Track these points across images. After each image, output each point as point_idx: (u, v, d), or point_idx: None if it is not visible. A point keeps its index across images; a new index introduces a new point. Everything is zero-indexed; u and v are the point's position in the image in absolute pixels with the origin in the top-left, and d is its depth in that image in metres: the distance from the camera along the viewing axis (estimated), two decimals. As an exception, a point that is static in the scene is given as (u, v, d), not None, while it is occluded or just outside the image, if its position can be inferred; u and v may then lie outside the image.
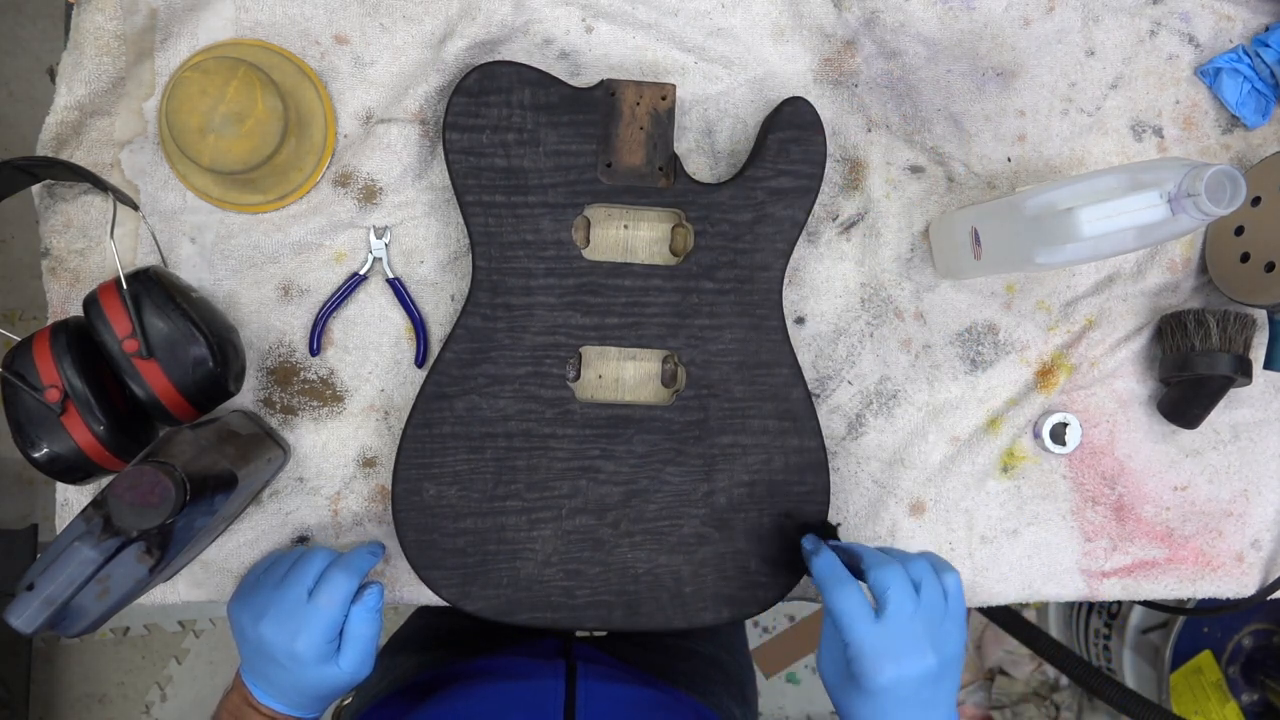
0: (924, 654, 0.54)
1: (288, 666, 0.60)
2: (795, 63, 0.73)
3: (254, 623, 0.61)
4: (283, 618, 0.60)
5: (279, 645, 0.60)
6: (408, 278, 0.71)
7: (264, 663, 0.61)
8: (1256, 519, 0.79)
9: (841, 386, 0.75)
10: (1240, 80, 0.75)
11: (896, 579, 0.56)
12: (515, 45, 0.71)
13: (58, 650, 1.70)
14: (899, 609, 0.55)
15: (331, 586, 0.61)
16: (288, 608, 0.60)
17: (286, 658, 0.60)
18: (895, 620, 0.54)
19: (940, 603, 0.57)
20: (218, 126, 0.63)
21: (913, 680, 0.54)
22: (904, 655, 0.54)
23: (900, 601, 0.55)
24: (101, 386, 0.60)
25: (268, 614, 0.60)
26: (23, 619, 0.52)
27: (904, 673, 0.54)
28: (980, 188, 0.76)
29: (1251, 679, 1.51)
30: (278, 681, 0.61)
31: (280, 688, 0.62)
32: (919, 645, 0.54)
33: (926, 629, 0.55)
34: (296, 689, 0.61)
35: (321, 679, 0.61)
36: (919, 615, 0.55)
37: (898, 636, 0.54)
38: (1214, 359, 0.72)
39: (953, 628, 0.57)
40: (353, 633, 0.61)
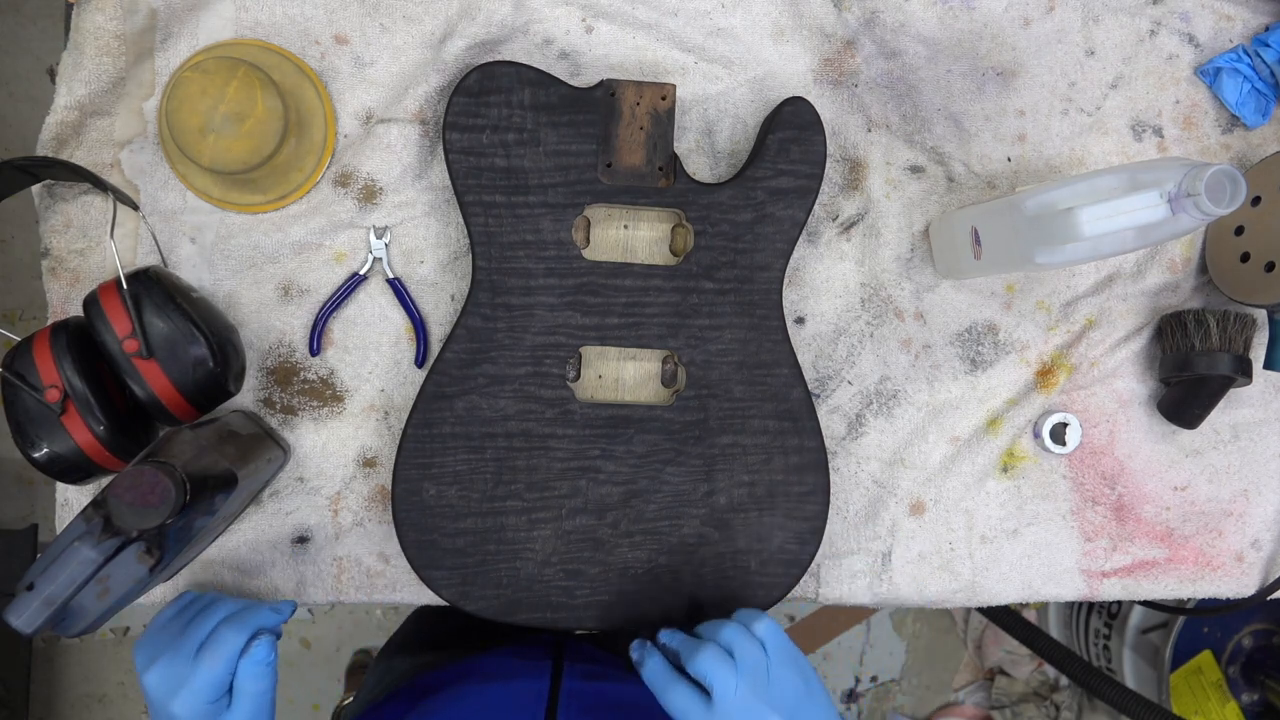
0: (763, 716, 0.56)
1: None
2: (795, 63, 0.73)
3: (144, 669, 0.59)
4: (168, 671, 0.58)
5: (160, 700, 0.58)
6: (408, 278, 0.71)
7: (154, 713, 0.60)
8: (1256, 519, 0.79)
9: (841, 386, 0.75)
10: (1240, 80, 0.75)
11: (711, 661, 0.57)
12: (515, 45, 0.71)
13: (58, 650, 1.70)
14: (723, 689, 0.56)
15: (218, 644, 0.58)
16: (175, 661, 0.58)
17: (167, 716, 0.58)
18: (723, 702, 0.56)
19: (761, 659, 0.57)
20: (218, 126, 0.63)
21: None
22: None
23: (722, 681, 0.56)
24: (101, 386, 0.60)
25: (157, 664, 0.59)
26: (23, 619, 0.52)
27: None
28: (980, 188, 0.76)
29: (1251, 679, 1.51)
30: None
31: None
32: (754, 712, 0.56)
33: (755, 693, 0.56)
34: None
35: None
36: (743, 684, 0.56)
37: (731, 713, 0.55)
38: (1214, 359, 0.72)
39: (782, 673, 0.58)
40: (240, 688, 0.59)
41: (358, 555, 0.72)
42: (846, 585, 0.75)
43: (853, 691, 1.82)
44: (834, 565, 0.75)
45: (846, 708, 1.82)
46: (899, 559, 0.75)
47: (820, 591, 0.75)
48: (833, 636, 1.81)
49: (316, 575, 0.71)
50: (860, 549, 0.75)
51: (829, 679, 1.81)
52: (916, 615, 1.82)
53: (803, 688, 0.58)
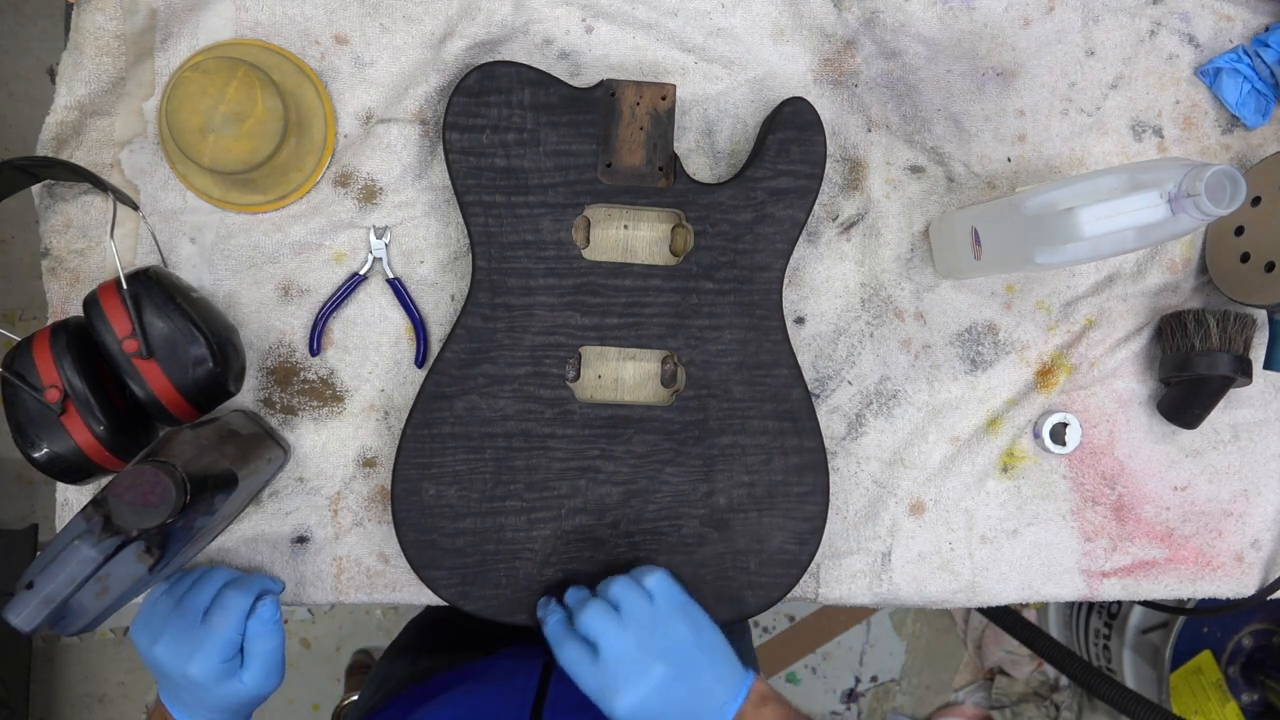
0: (648, 668, 0.56)
1: (188, 688, 0.60)
2: (795, 63, 0.73)
3: (150, 646, 0.60)
4: (177, 641, 0.59)
5: (175, 669, 0.59)
6: (408, 278, 0.71)
7: (169, 684, 0.61)
8: (1256, 519, 0.79)
9: (841, 386, 0.75)
10: (1240, 80, 0.75)
11: (593, 615, 0.58)
12: (515, 45, 0.71)
13: (58, 650, 1.70)
14: (606, 644, 0.57)
15: (225, 606, 0.60)
16: (183, 630, 0.60)
17: (184, 680, 0.59)
18: (608, 654, 0.57)
19: (647, 610, 0.58)
20: (218, 126, 0.63)
21: (654, 694, 0.56)
22: (627, 681, 0.56)
23: (604, 634, 0.57)
24: (101, 386, 0.60)
25: (163, 637, 0.60)
26: (22, 617, 0.52)
27: (640, 693, 0.56)
28: (980, 188, 0.76)
29: (1251, 679, 1.51)
30: (187, 701, 0.61)
31: (191, 706, 0.61)
32: (639, 664, 0.56)
33: (639, 643, 0.57)
34: (207, 706, 0.61)
35: (227, 696, 0.60)
36: (626, 636, 0.57)
37: (615, 666, 0.56)
38: (1214, 359, 0.72)
39: (672, 625, 0.58)
40: (250, 649, 0.61)
41: (358, 555, 0.72)
42: (846, 585, 0.75)
43: (853, 691, 1.82)
44: (834, 565, 0.75)
45: (847, 708, 1.82)
46: (899, 559, 0.75)
47: (820, 591, 0.75)
48: (833, 636, 1.81)
49: (316, 575, 0.71)
50: (860, 549, 0.75)
51: (829, 679, 1.81)
52: (916, 615, 1.82)
53: (692, 638, 0.59)
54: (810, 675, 1.81)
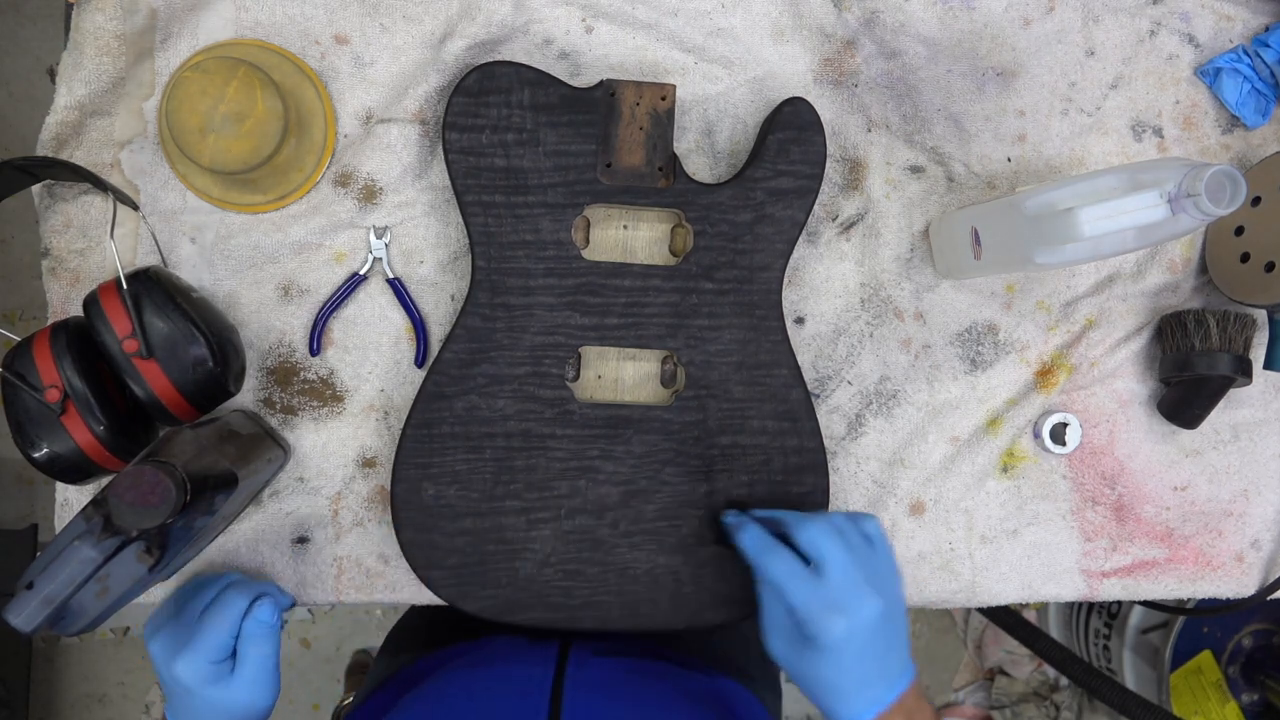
0: (869, 599, 0.55)
1: (176, 691, 0.58)
2: (795, 63, 0.73)
3: (148, 639, 0.59)
4: (171, 638, 0.58)
5: (163, 665, 0.58)
6: (408, 278, 0.71)
7: (166, 690, 0.60)
8: (1256, 519, 0.79)
9: (841, 386, 0.75)
10: (1240, 80, 0.75)
11: (824, 534, 0.57)
12: (515, 45, 0.71)
13: (58, 650, 1.70)
14: (834, 561, 0.56)
15: (221, 604, 0.59)
16: (179, 626, 0.59)
17: (173, 682, 0.58)
18: (833, 574, 0.55)
19: (868, 548, 0.58)
20: (218, 126, 0.63)
21: (865, 627, 0.55)
22: (850, 604, 0.55)
23: (834, 554, 0.56)
24: (101, 386, 0.60)
25: (160, 634, 0.59)
26: (22, 617, 0.52)
27: (855, 621, 0.54)
28: (980, 188, 0.76)
29: (1251, 679, 1.51)
30: (181, 710, 0.59)
31: (183, 711, 0.59)
32: (861, 592, 0.55)
33: (864, 575, 0.56)
34: (191, 708, 0.59)
35: (214, 704, 0.58)
36: (853, 563, 0.56)
37: (840, 588, 0.55)
38: (1214, 359, 0.72)
39: (886, 569, 0.58)
40: (242, 651, 0.58)
41: (358, 555, 0.72)
42: (846, 585, 0.75)
43: (853, 691, 1.82)
44: (834, 565, 0.75)
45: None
46: (899, 559, 0.75)
47: (820, 591, 0.75)
48: (833, 636, 1.80)
49: (316, 575, 0.71)
50: (860, 549, 0.75)
51: (829, 679, 1.81)
52: (916, 615, 1.82)
53: (899, 592, 0.58)
54: (810, 675, 1.80)
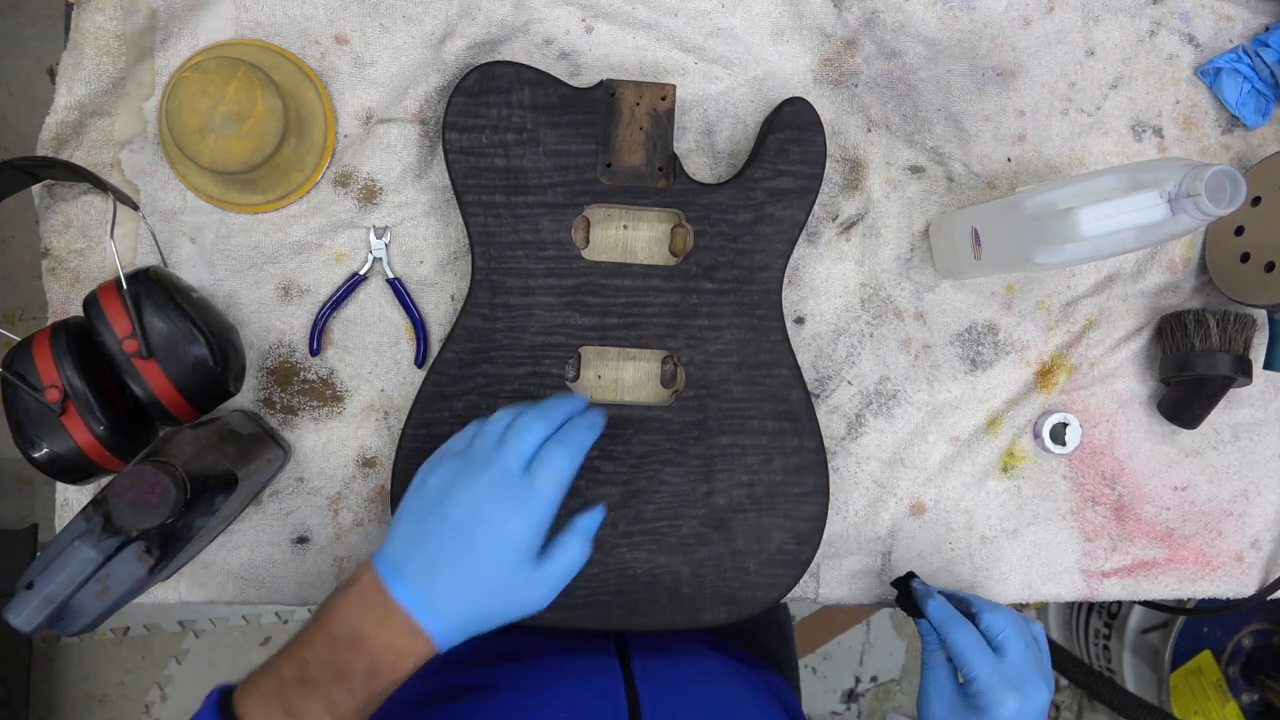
0: (1041, 686, 0.61)
1: (480, 550, 0.48)
2: (795, 63, 0.73)
3: (451, 484, 0.49)
4: (496, 486, 0.48)
5: (486, 517, 0.48)
6: (408, 278, 0.71)
7: (435, 546, 0.48)
8: (1256, 519, 0.79)
9: (841, 386, 0.75)
10: (1240, 80, 0.75)
11: (1010, 621, 0.63)
12: (515, 45, 0.71)
13: (58, 650, 1.70)
14: (1015, 646, 0.62)
15: (553, 465, 0.50)
16: (502, 477, 0.49)
17: (489, 539, 0.48)
18: (1014, 656, 0.61)
19: (1038, 647, 0.64)
20: (218, 126, 0.63)
21: (1033, 710, 0.60)
22: (1025, 686, 0.60)
23: (1015, 640, 0.62)
24: (101, 386, 0.60)
25: (480, 479, 0.49)
26: (22, 617, 0.52)
27: (1026, 704, 0.60)
28: (980, 188, 0.76)
29: (1251, 679, 1.51)
30: (445, 572, 0.48)
31: (445, 582, 0.48)
32: (1035, 678, 0.61)
33: (1037, 665, 0.62)
34: (475, 581, 0.48)
35: (513, 581, 0.48)
36: (1028, 654, 0.62)
37: (1019, 670, 0.61)
38: (1214, 359, 0.72)
39: (1049, 671, 0.64)
40: (561, 545, 0.50)
41: (358, 555, 0.72)
42: (846, 585, 0.75)
43: (852, 691, 1.82)
44: (834, 565, 0.75)
45: (846, 708, 1.82)
46: (899, 559, 0.75)
47: (820, 592, 0.75)
48: (833, 636, 1.81)
49: (317, 575, 0.71)
50: (860, 549, 0.75)
51: (829, 679, 1.81)
52: (917, 615, 1.82)
53: (1047, 691, 0.62)
54: (810, 675, 1.80)
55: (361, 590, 0.49)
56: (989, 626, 0.63)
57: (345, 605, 0.49)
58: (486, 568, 0.48)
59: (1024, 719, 0.60)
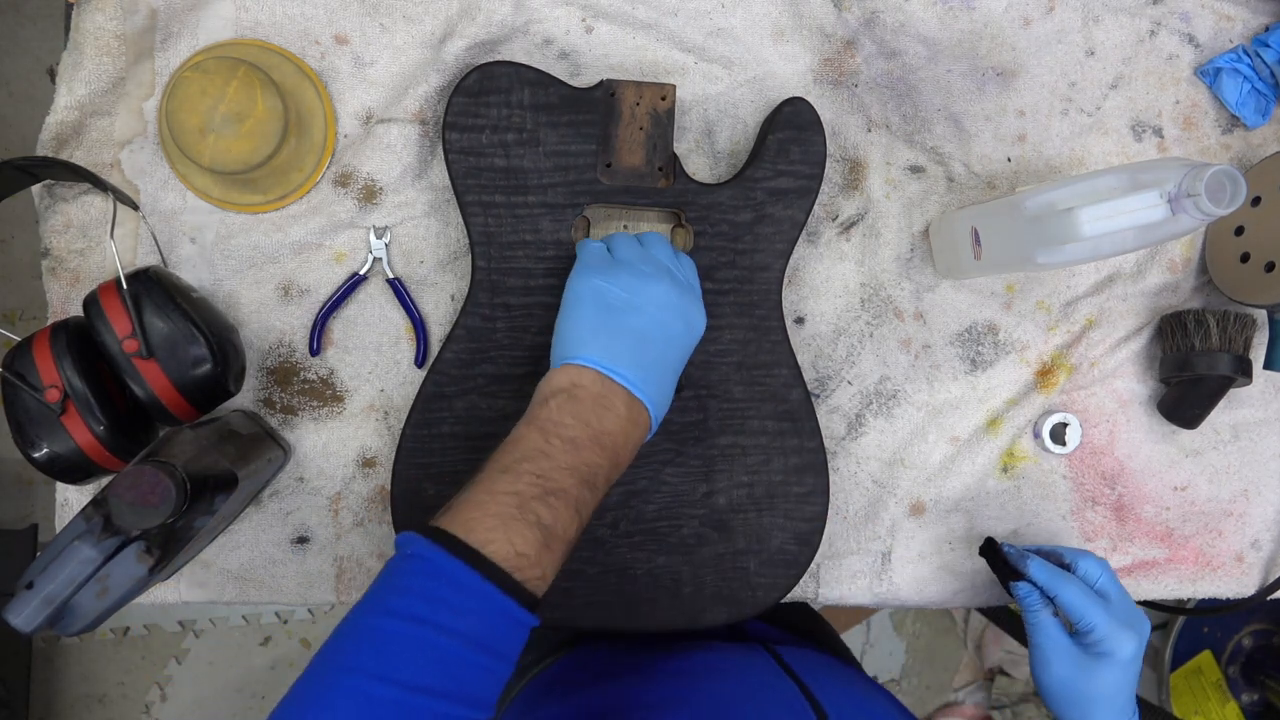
0: (1144, 619, 0.66)
1: (675, 340, 0.57)
2: (795, 63, 0.73)
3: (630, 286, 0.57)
4: (674, 286, 0.59)
5: (680, 310, 0.58)
6: (408, 278, 0.71)
7: (636, 338, 0.56)
8: (1256, 519, 0.79)
9: (841, 386, 0.75)
10: (1240, 80, 0.75)
11: (1100, 565, 0.66)
12: (515, 45, 0.71)
13: (57, 650, 1.70)
14: (1115, 589, 0.66)
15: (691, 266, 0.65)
16: (673, 279, 0.60)
17: (683, 330, 0.58)
18: (1117, 598, 0.65)
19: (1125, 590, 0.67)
20: (218, 126, 0.63)
21: (1139, 652, 0.64)
22: (1138, 625, 0.64)
23: (1114, 584, 0.66)
24: (101, 386, 0.60)
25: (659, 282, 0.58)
26: (22, 617, 0.52)
27: (1142, 639, 0.64)
28: (980, 188, 0.76)
29: (1251, 679, 1.51)
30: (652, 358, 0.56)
31: (654, 368, 0.56)
32: (1140, 615, 0.65)
33: (1127, 609, 0.65)
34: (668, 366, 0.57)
35: (684, 359, 0.59)
36: (1124, 593, 0.66)
37: (1126, 609, 0.65)
38: (1214, 359, 0.72)
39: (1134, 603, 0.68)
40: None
41: (359, 555, 0.72)
42: (846, 585, 0.75)
43: (853, 691, 1.82)
44: (834, 565, 0.75)
45: (846, 708, 1.82)
46: (899, 559, 0.75)
47: (820, 592, 0.75)
48: (833, 636, 1.80)
49: (318, 575, 0.71)
50: (860, 549, 0.75)
51: (829, 679, 1.81)
52: (916, 615, 1.82)
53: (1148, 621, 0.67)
54: (810, 675, 1.80)
55: (585, 391, 0.54)
56: (1086, 574, 0.65)
57: (575, 409, 0.53)
58: (677, 352, 0.58)
59: (1140, 653, 0.64)
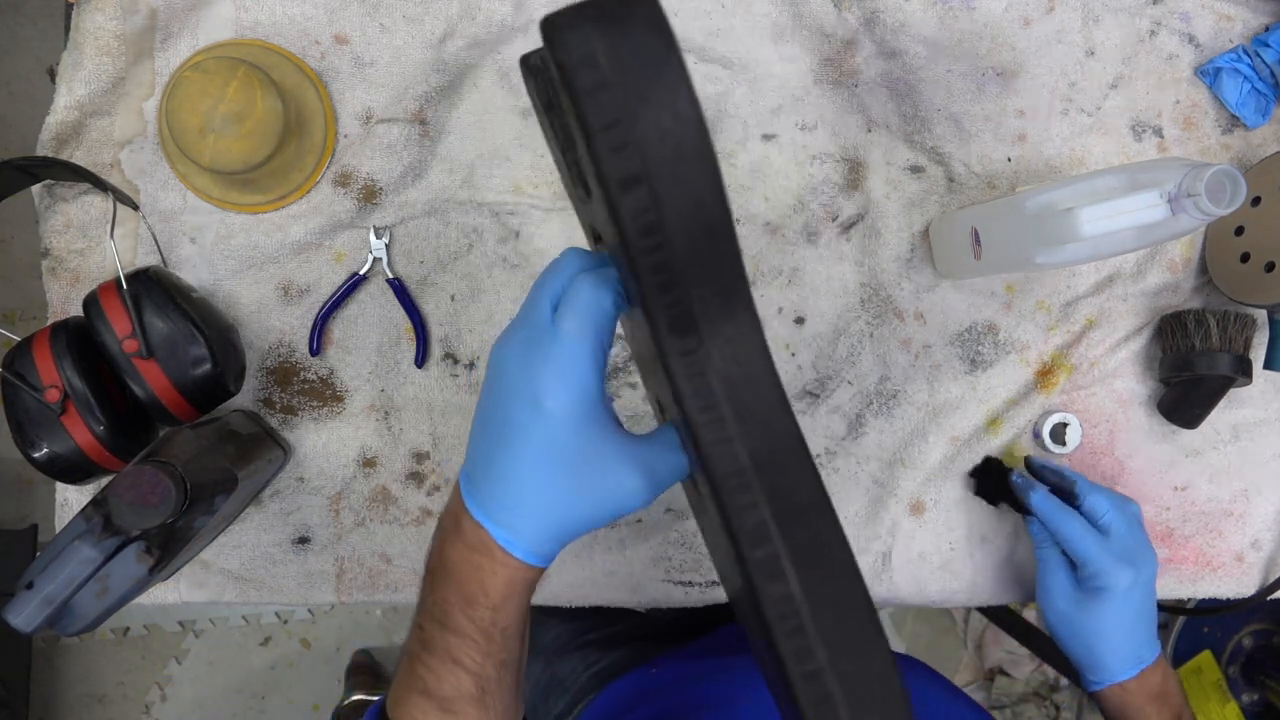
0: (1149, 556, 0.66)
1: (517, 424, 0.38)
2: (795, 63, 0.73)
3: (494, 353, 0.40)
4: (522, 343, 0.38)
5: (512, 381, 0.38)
6: (408, 278, 0.71)
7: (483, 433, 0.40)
8: (1256, 519, 0.79)
9: (841, 386, 0.75)
10: (1240, 80, 0.75)
11: (1109, 501, 0.66)
12: (515, 45, 0.71)
13: (57, 650, 1.70)
14: (1118, 523, 0.66)
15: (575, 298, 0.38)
16: (530, 332, 0.38)
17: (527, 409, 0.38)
18: (1118, 533, 0.66)
19: (1136, 524, 0.68)
20: (218, 126, 0.63)
21: (1146, 582, 0.65)
22: (1136, 559, 0.65)
23: (1118, 518, 0.66)
24: (101, 386, 0.60)
25: (509, 343, 0.39)
26: (22, 617, 0.52)
27: (1139, 575, 0.65)
28: (980, 188, 0.76)
29: (1251, 679, 1.51)
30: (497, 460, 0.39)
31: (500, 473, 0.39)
32: (1143, 550, 0.66)
33: (1141, 539, 0.66)
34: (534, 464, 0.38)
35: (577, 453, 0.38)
36: (1130, 529, 0.66)
37: (1125, 545, 0.65)
38: (1214, 359, 0.72)
39: (1148, 543, 0.68)
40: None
41: (359, 555, 0.72)
42: (846, 585, 0.75)
43: (853, 692, 1.82)
44: (834, 565, 0.75)
45: (846, 708, 1.82)
46: (899, 559, 0.75)
47: (820, 591, 0.75)
48: (833, 636, 1.80)
49: (318, 575, 0.71)
50: (860, 549, 0.75)
51: (829, 679, 1.81)
52: (916, 615, 1.82)
53: (1154, 560, 0.66)
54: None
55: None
56: (1091, 509, 0.66)
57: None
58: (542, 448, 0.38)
59: (1138, 591, 0.64)
